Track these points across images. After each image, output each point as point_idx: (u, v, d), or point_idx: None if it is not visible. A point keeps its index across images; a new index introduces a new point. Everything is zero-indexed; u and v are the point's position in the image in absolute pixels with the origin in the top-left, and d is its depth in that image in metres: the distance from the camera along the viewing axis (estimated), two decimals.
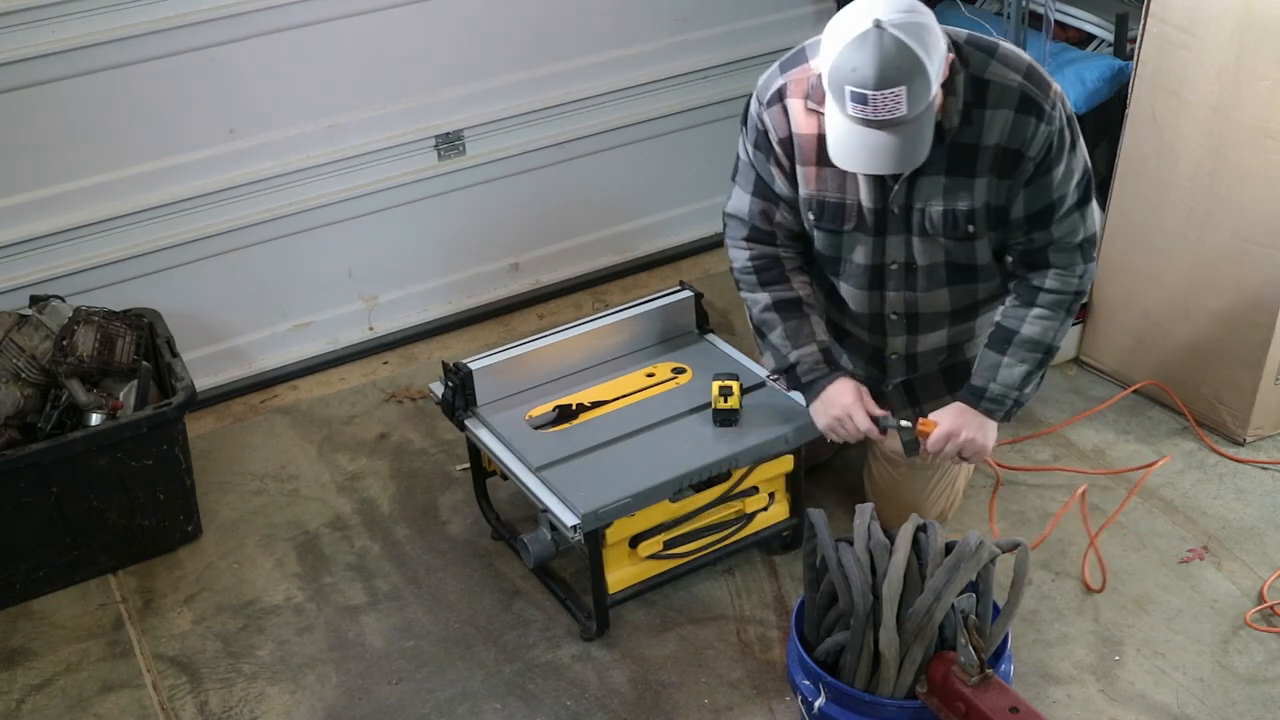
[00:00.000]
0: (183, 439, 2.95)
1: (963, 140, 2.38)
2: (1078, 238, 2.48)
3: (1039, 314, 2.52)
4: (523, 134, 3.72)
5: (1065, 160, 2.41)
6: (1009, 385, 2.54)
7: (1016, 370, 2.54)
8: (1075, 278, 2.51)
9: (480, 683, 2.62)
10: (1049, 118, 2.35)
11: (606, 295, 3.95)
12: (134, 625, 2.83)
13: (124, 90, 3.18)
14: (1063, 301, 2.52)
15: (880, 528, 2.24)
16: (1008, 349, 2.54)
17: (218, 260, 3.46)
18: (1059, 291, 2.52)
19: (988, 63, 2.35)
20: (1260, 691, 2.48)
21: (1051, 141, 2.37)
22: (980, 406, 2.56)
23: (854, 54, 2.16)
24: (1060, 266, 2.50)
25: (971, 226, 2.47)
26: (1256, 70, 2.87)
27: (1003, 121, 2.35)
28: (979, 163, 2.39)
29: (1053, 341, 2.54)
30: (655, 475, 2.61)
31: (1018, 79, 2.35)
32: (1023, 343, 2.53)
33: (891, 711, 2.14)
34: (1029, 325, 2.53)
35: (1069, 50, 3.48)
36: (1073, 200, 2.45)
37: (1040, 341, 2.53)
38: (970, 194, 2.42)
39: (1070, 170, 2.42)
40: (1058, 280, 2.51)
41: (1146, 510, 2.95)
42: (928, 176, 2.42)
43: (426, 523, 3.08)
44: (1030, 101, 2.34)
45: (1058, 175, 2.41)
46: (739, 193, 2.64)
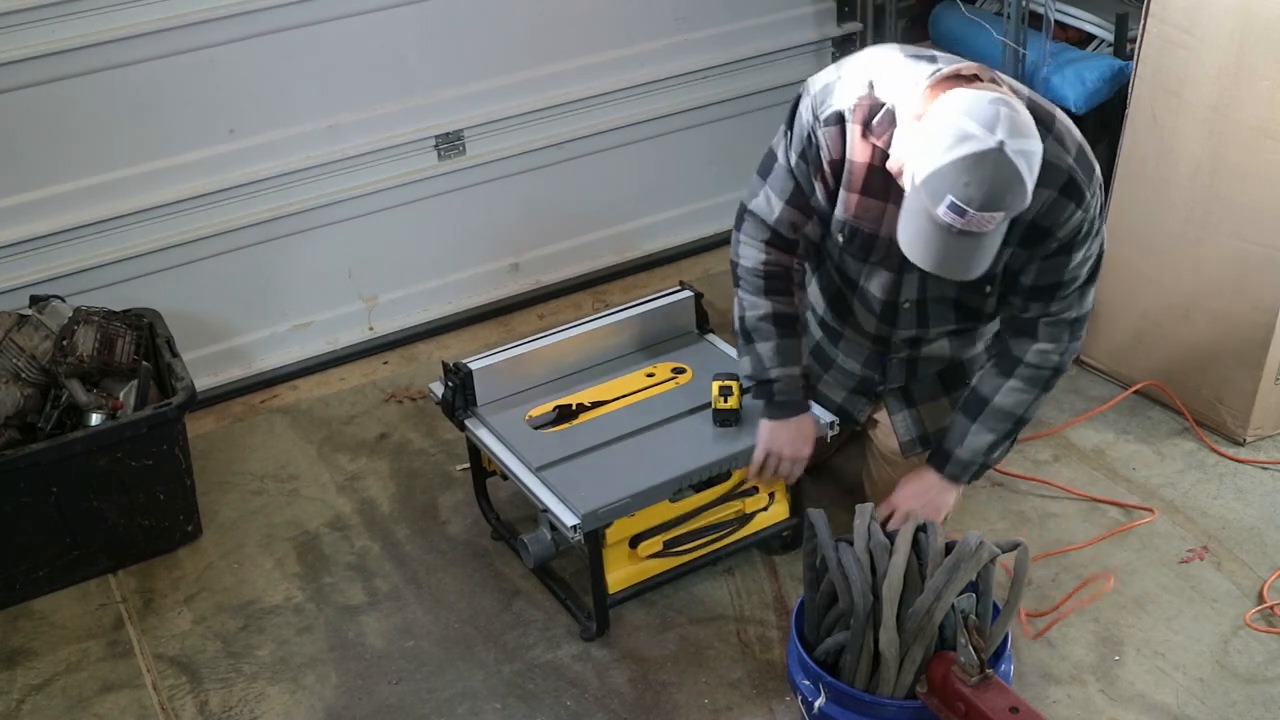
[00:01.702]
0: (183, 439, 2.95)
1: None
2: (1071, 315, 2.46)
3: (1015, 386, 2.51)
4: (523, 134, 3.72)
5: (1087, 245, 2.37)
6: (976, 452, 2.56)
7: (984, 439, 2.55)
8: (1058, 354, 2.49)
9: (480, 683, 2.62)
10: (1086, 205, 2.30)
11: (606, 295, 3.95)
12: (134, 625, 2.83)
13: (124, 90, 3.18)
14: (1040, 377, 2.50)
15: (880, 528, 2.24)
16: (978, 416, 2.54)
17: (218, 260, 3.46)
18: (1038, 366, 2.49)
19: (1044, 137, 2.20)
20: (1260, 691, 2.48)
21: (1081, 227, 2.33)
22: (946, 471, 2.59)
23: (969, 169, 2.04)
24: (1046, 340, 2.47)
25: (989, 287, 2.47)
26: (1256, 70, 2.87)
27: (1043, 199, 2.27)
28: (1011, 232, 2.29)
29: (1024, 414, 2.54)
30: (655, 475, 2.61)
31: (1069, 160, 2.27)
32: (994, 412, 2.53)
33: (891, 711, 2.14)
34: (1003, 396, 2.52)
35: (1069, 50, 3.48)
36: (1080, 281, 2.43)
37: (1012, 413, 2.53)
38: (998, 261, 2.35)
39: (1088, 255, 2.39)
40: (1039, 356, 2.49)
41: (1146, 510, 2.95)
42: None
43: (426, 523, 3.08)
44: (1074, 186, 2.28)
45: (1076, 258, 2.37)
46: (770, 195, 2.55)
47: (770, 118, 4.00)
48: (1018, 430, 2.58)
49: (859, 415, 2.84)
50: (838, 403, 2.83)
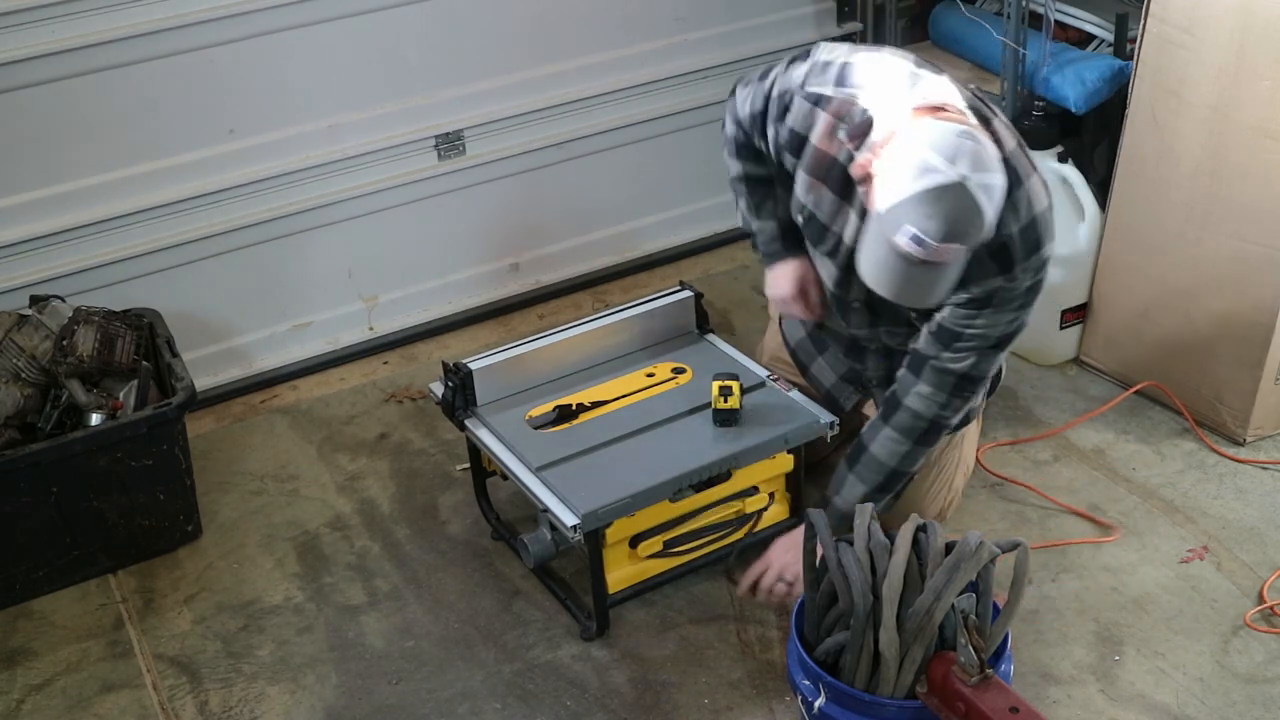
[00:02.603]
0: (183, 439, 2.95)
1: None
2: (959, 368, 2.41)
3: (890, 435, 2.50)
4: (523, 134, 3.72)
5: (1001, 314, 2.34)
6: (849, 502, 2.53)
7: (858, 489, 2.54)
8: (937, 408, 2.45)
9: (480, 683, 2.62)
10: (1013, 276, 2.29)
11: (606, 295, 3.95)
12: (134, 625, 2.83)
13: (124, 90, 3.18)
14: (916, 429, 2.47)
15: (880, 528, 2.24)
16: (856, 465, 2.54)
17: (218, 260, 3.46)
18: (916, 414, 2.47)
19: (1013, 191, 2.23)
20: (1260, 691, 2.48)
21: (997, 294, 2.31)
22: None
23: (931, 202, 2.04)
24: (928, 385, 2.44)
25: (914, 314, 2.47)
26: (1256, 70, 2.87)
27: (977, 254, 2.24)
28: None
29: (898, 467, 2.51)
30: (655, 475, 2.61)
31: (1014, 229, 2.26)
32: (869, 461, 2.53)
33: (891, 711, 2.14)
34: (878, 444, 2.51)
35: (1069, 50, 3.48)
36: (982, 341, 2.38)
37: (884, 464, 2.51)
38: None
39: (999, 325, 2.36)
40: (919, 401, 2.46)
41: (1146, 510, 2.95)
42: None
43: (426, 523, 3.08)
44: (1006, 254, 2.27)
45: (981, 320, 2.35)
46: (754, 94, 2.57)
47: None
48: (894, 483, 2.54)
49: (845, 403, 2.86)
50: (826, 388, 2.87)
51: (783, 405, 2.80)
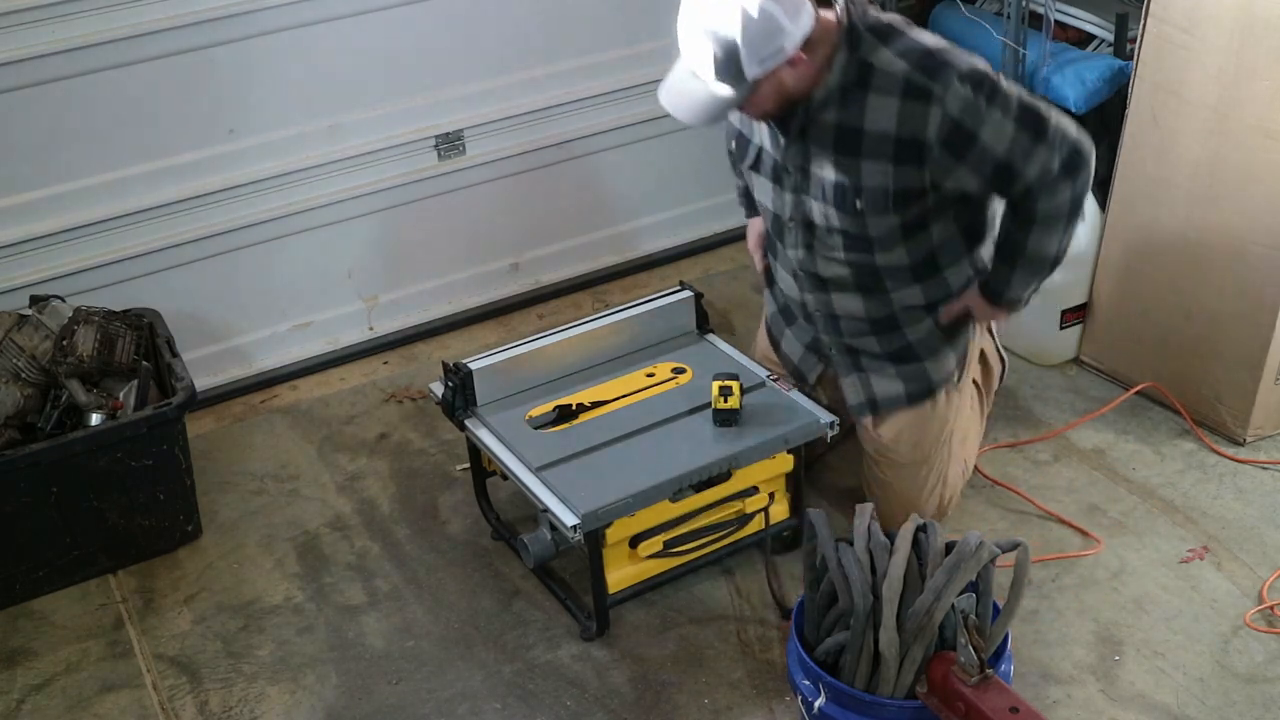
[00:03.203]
0: (183, 439, 2.95)
1: (847, 123, 2.44)
2: (1054, 165, 2.42)
3: (1039, 231, 2.50)
4: (523, 134, 3.72)
5: (987, 125, 2.38)
6: (1019, 291, 2.60)
7: (1023, 280, 2.57)
8: (1067, 194, 2.46)
9: (480, 683, 2.62)
10: (938, 98, 2.36)
11: (606, 295, 3.95)
12: (134, 625, 2.83)
13: (124, 90, 3.18)
14: (1059, 216, 2.48)
15: (880, 528, 2.24)
16: (1018, 261, 2.55)
17: (218, 260, 3.46)
18: (1053, 210, 2.47)
19: (877, 49, 2.40)
20: (1260, 691, 2.48)
21: (952, 117, 2.37)
22: (1000, 305, 2.64)
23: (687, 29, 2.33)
24: (1049, 190, 2.45)
25: (858, 202, 2.50)
26: (1256, 70, 2.87)
27: (889, 109, 2.38)
28: (863, 145, 2.43)
29: (1057, 253, 2.54)
30: (655, 475, 2.61)
31: (902, 66, 2.38)
32: (1030, 258, 2.53)
33: (891, 711, 2.14)
34: (1033, 240, 2.51)
35: (1069, 50, 3.48)
36: (1022, 147, 2.40)
37: (1044, 257, 2.54)
38: (857, 174, 2.46)
39: (1001, 128, 2.39)
40: (1048, 202, 2.46)
41: (1146, 510, 2.95)
42: (818, 149, 2.49)
43: (426, 523, 3.08)
44: (915, 88, 2.37)
45: (983, 139, 2.39)
46: None
47: None
48: (1056, 266, 2.58)
49: (810, 375, 2.90)
50: (794, 362, 2.92)
51: (783, 405, 2.80)
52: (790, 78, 2.39)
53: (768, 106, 2.45)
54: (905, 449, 2.79)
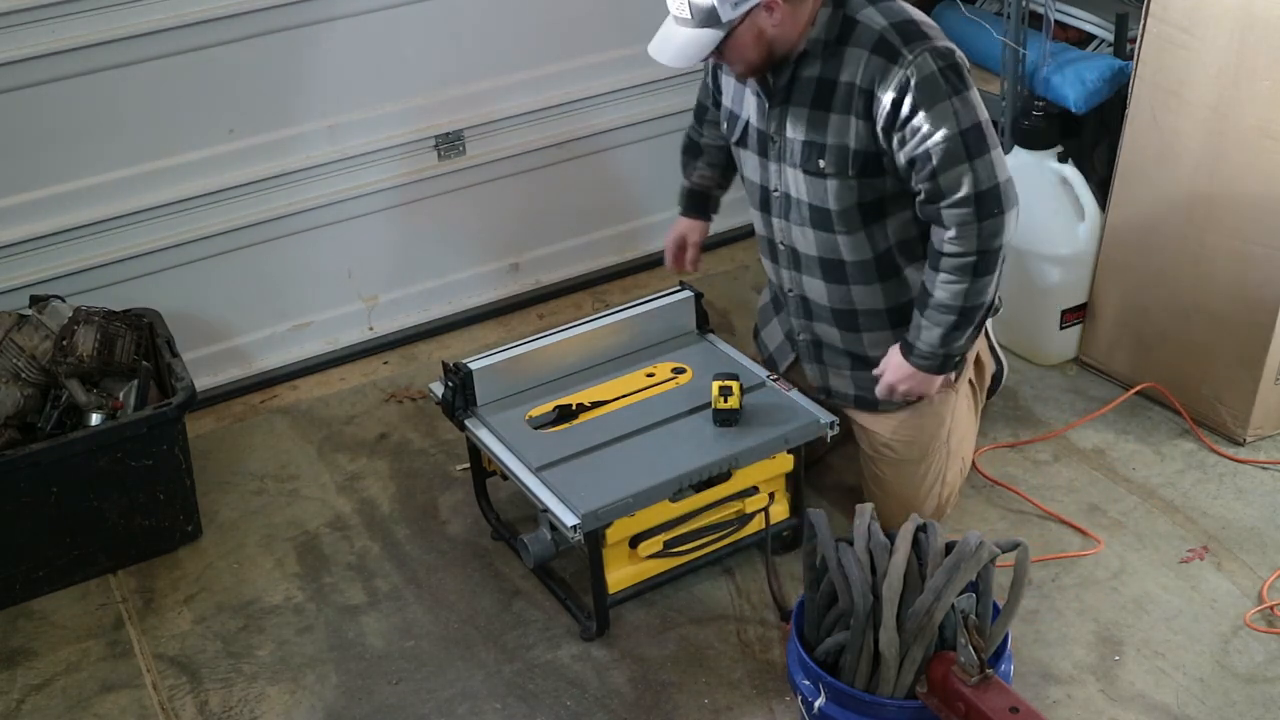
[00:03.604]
0: (183, 439, 2.95)
1: (825, 75, 2.51)
2: (967, 191, 2.44)
3: (944, 279, 2.53)
4: (523, 134, 3.72)
5: (932, 109, 2.42)
6: (932, 345, 2.60)
7: (934, 332, 2.58)
8: (973, 239, 2.47)
9: (480, 683, 2.62)
10: (904, 61, 2.42)
11: (606, 295, 3.95)
12: (134, 625, 2.83)
13: (124, 90, 3.18)
14: (966, 264, 2.50)
15: (880, 528, 2.24)
16: (925, 310, 2.59)
17: (218, 260, 3.46)
18: (960, 254, 2.49)
19: (864, 7, 2.49)
20: (1260, 691, 2.48)
21: (909, 84, 2.42)
22: (912, 361, 2.64)
23: None
24: (955, 226, 2.47)
25: (821, 161, 2.55)
26: (1256, 70, 2.87)
27: (858, 60, 2.47)
28: (835, 98, 2.51)
29: (965, 303, 2.54)
30: (655, 475, 2.61)
31: (882, 23, 2.46)
32: (936, 306, 2.56)
33: (891, 711, 2.14)
34: (939, 290, 2.55)
35: (1069, 50, 3.48)
36: (951, 151, 2.43)
37: (951, 305, 2.54)
38: (825, 129, 2.53)
39: (944, 118, 2.42)
40: (956, 244, 2.49)
41: (1146, 510, 2.95)
42: (796, 107, 2.56)
43: (426, 523, 3.08)
44: (885, 44, 2.45)
45: (924, 121, 2.42)
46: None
47: None
48: (968, 320, 2.57)
49: (781, 363, 2.97)
50: (770, 349, 2.99)
51: (783, 405, 2.80)
52: (768, 24, 2.45)
53: (750, 56, 2.49)
54: (901, 446, 2.80)
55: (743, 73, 2.58)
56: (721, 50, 2.48)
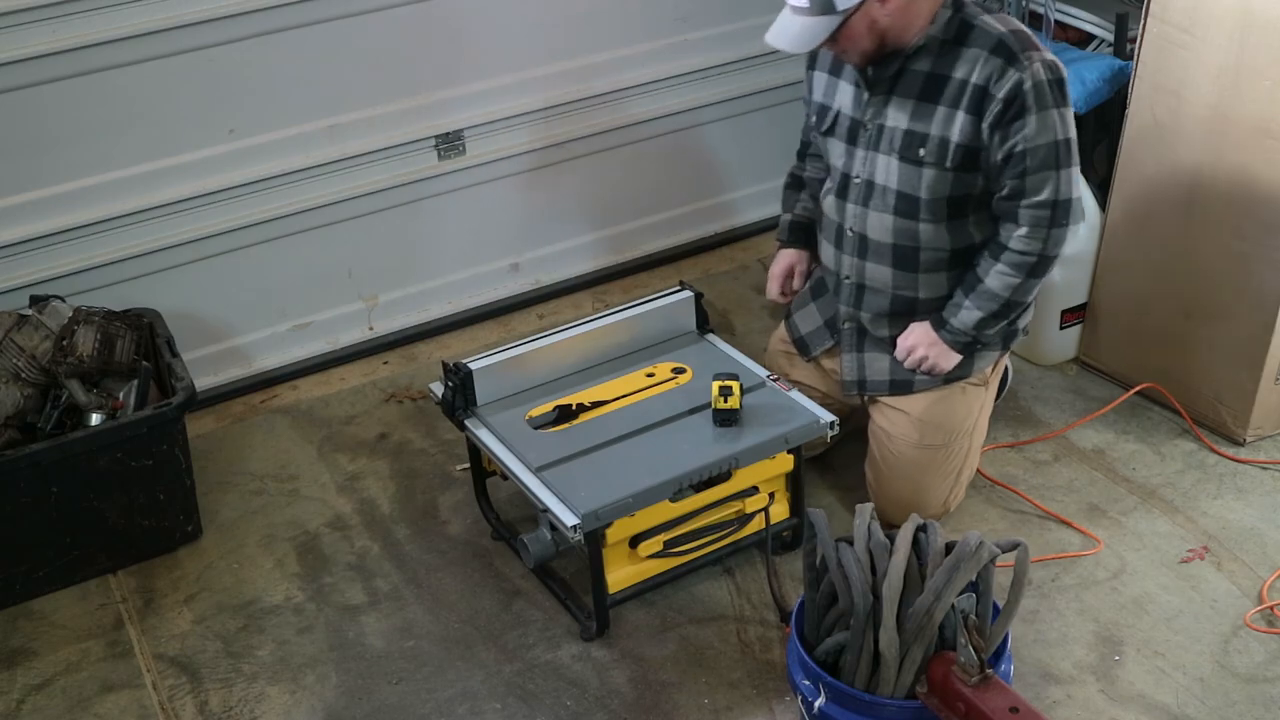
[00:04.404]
0: (183, 439, 2.95)
1: (938, 71, 2.63)
2: (1048, 196, 2.60)
3: (1001, 270, 2.67)
4: (523, 134, 3.72)
5: (1039, 114, 2.56)
6: (966, 325, 2.74)
7: (974, 314, 2.72)
8: (1041, 241, 2.63)
9: (480, 683, 2.62)
10: (1021, 65, 2.55)
11: (606, 295, 3.95)
12: (134, 625, 2.83)
13: (124, 90, 3.18)
14: (1026, 263, 2.65)
15: (880, 527, 2.24)
16: (970, 294, 2.72)
17: (218, 260, 3.46)
18: (1024, 252, 2.64)
19: (980, 15, 2.62)
20: (1260, 691, 2.48)
21: (1022, 87, 2.55)
22: (941, 334, 2.77)
23: None
24: (1027, 225, 2.63)
25: (922, 150, 2.65)
26: (1256, 70, 2.87)
27: (974, 59, 2.58)
28: (944, 92, 2.62)
29: (1012, 297, 2.69)
30: (655, 475, 2.61)
31: (1001, 30, 2.59)
32: (984, 292, 2.70)
33: (891, 711, 2.14)
34: (992, 278, 2.69)
35: (1069, 50, 3.48)
36: (1046, 157, 2.58)
37: (999, 295, 2.69)
38: (929, 120, 2.64)
39: (1046, 127, 2.57)
40: (1023, 242, 2.64)
41: (1146, 510, 2.95)
42: (901, 98, 2.67)
43: (426, 523, 3.08)
44: (1005, 47, 2.57)
45: (1030, 124, 2.56)
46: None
47: (771, 117, 4.01)
48: (1009, 312, 2.73)
49: (815, 347, 3.01)
50: (802, 332, 3.03)
51: (783, 405, 2.80)
52: (882, 16, 2.55)
53: (864, 44, 2.60)
54: (930, 430, 2.83)
55: (856, 61, 2.68)
56: (836, 37, 2.58)
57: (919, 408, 2.83)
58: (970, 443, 2.87)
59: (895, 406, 2.86)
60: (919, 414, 2.83)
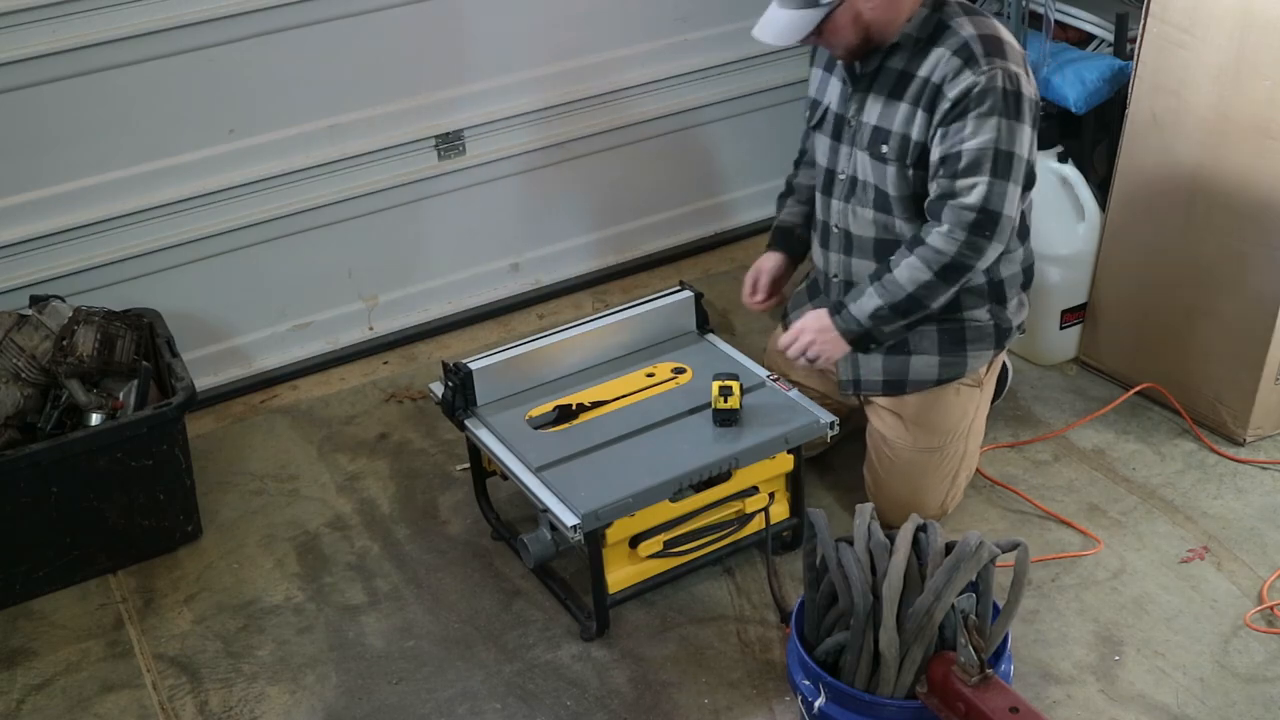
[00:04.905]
0: (183, 439, 2.95)
1: (908, 69, 2.64)
2: (975, 201, 2.55)
3: (912, 262, 2.62)
4: (523, 134, 3.72)
5: (980, 118, 2.54)
6: (862, 313, 2.69)
7: (873, 301, 2.67)
8: (958, 243, 2.57)
9: (480, 683, 2.62)
10: (979, 69, 2.54)
11: (606, 295, 3.95)
12: (134, 625, 2.83)
13: (124, 90, 3.18)
14: (937, 260, 2.60)
15: (880, 527, 2.24)
16: (875, 282, 2.68)
17: (218, 260, 3.46)
18: (937, 250, 2.59)
19: (958, 16, 2.61)
20: (1260, 691, 2.48)
21: (973, 90, 2.53)
22: (835, 320, 2.73)
23: None
24: (950, 223, 2.57)
25: (885, 147, 2.67)
26: (1256, 70, 2.87)
27: (939, 58, 2.59)
28: (909, 90, 2.63)
29: (915, 292, 2.63)
30: (655, 475, 2.61)
31: (970, 32, 2.58)
32: (889, 281, 2.65)
33: (891, 711, 2.14)
34: (901, 269, 2.64)
35: (1069, 50, 3.48)
36: (978, 160, 2.54)
37: (903, 287, 2.63)
38: (894, 117, 2.65)
39: (984, 130, 2.54)
40: (941, 239, 2.59)
41: (1146, 510, 2.95)
42: (875, 95, 2.69)
43: (426, 523, 3.08)
44: (967, 49, 2.56)
45: (969, 125, 2.55)
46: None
47: (770, 118, 4.01)
48: (910, 310, 2.66)
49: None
50: None
51: (783, 405, 2.80)
52: (867, 9, 2.57)
53: (848, 38, 2.61)
54: (924, 433, 2.82)
55: (841, 55, 2.69)
56: (821, 31, 2.59)
57: (912, 410, 2.82)
58: (966, 444, 2.87)
59: (889, 409, 2.85)
60: (912, 416, 2.82)
